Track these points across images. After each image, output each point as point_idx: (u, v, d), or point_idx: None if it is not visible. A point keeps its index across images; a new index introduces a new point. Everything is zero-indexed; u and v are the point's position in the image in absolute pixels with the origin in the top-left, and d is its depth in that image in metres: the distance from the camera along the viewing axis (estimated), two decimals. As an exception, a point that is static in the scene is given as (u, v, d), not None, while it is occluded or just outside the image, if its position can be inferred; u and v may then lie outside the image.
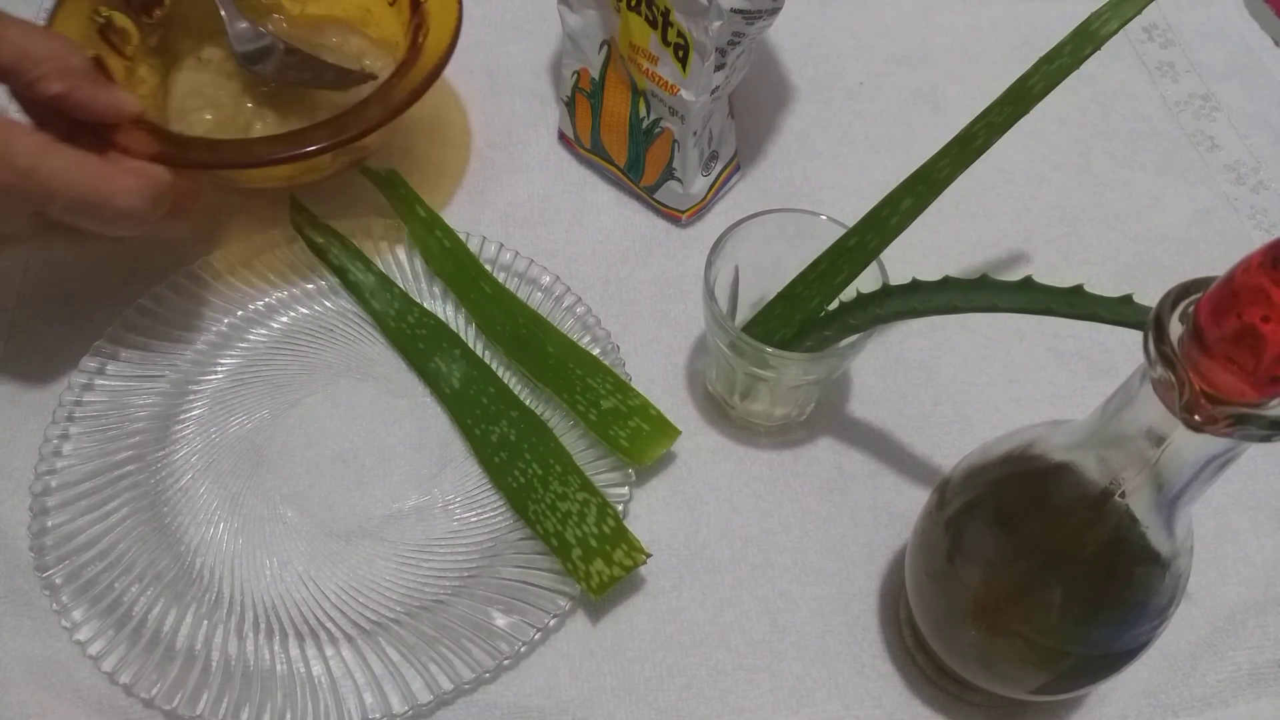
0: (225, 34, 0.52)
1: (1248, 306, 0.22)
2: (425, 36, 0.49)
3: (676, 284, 0.52)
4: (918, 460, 0.47)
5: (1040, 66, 0.35)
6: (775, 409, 0.46)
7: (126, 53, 0.49)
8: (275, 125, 0.52)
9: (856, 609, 0.43)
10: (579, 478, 0.43)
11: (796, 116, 0.59)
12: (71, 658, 0.40)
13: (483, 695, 0.40)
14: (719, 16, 0.44)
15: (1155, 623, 0.34)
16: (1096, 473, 0.30)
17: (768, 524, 0.45)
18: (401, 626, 0.41)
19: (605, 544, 0.41)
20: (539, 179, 0.56)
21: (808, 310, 0.42)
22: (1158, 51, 0.63)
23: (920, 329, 0.50)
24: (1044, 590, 0.34)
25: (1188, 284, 0.25)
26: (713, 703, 0.41)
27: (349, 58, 0.55)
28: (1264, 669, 0.42)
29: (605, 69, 0.51)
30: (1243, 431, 0.24)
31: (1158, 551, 0.32)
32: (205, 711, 0.38)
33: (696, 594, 0.43)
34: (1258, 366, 0.22)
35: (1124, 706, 0.41)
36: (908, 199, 0.38)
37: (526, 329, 0.47)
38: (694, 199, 0.53)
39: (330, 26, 0.56)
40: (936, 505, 0.37)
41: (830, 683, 0.41)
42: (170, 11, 0.52)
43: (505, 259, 0.50)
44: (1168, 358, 0.24)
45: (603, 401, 0.45)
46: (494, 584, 0.42)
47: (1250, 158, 0.58)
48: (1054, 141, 0.58)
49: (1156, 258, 0.54)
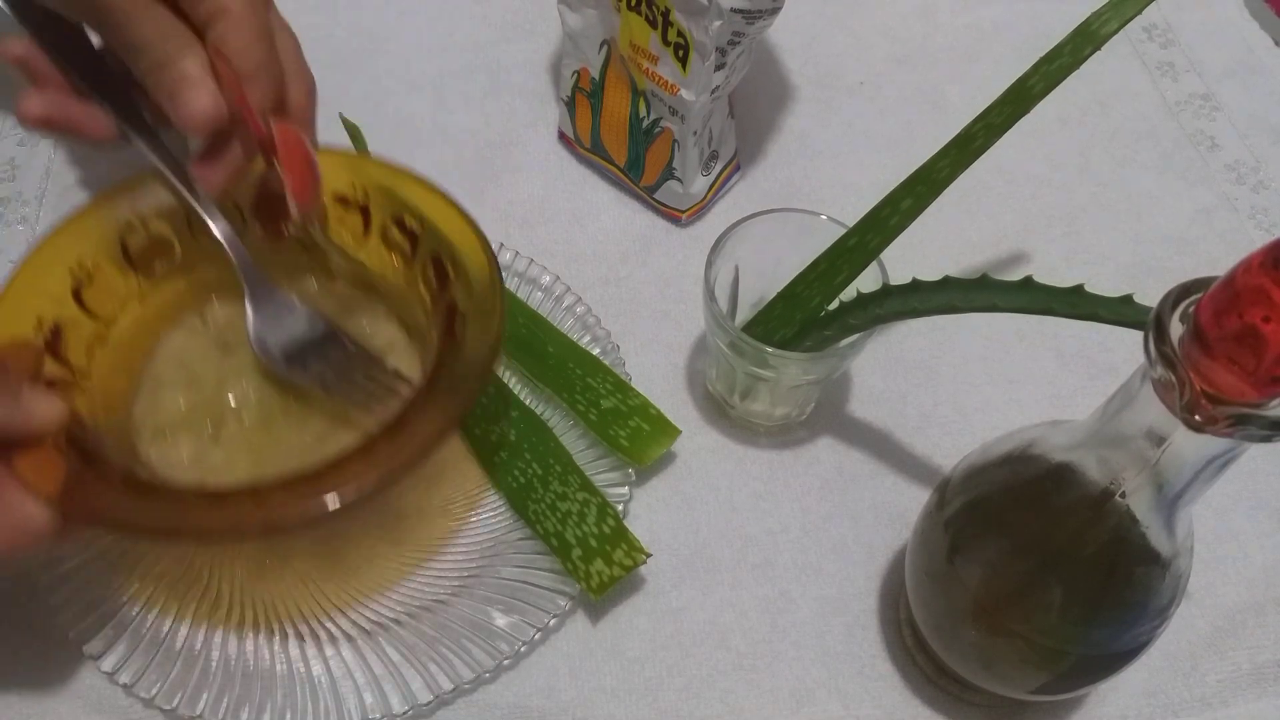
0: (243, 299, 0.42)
1: (1248, 307, 0.22)
2: (462, 325, 0.39)
3: (676, 284, 0.52)
4: (918, 460, 0.47)
5: (1040, 66, 0.35)
6: (775, 409, 0.46)
7: (103, 313, 0.41)
8: (253, 434, 0.42)
9: (856, 609, 0.43)
10: (579, 477, 0.43)
11: (796, 116, 0.59)
12: (71, 658, 0.40)
13: (483, 695, 0.40)
14: (719, 16, 0.44)
15: (1155, 623, 0.34)
16: (1097, 473, 0.30)
17: (768, 524, 0.45)
18: (401, 626, 0.41)
19: (605, 544, 0.41)
20: (539, 179, 0.56)
21: (808, 310, 0.42)
22: (1158, 51, 0.63)
23: (920, 329, 0.50)
24: (1044, 590, 0.34)
25: (1188, 284, 0.25)
26: (713, 703, 0.41)
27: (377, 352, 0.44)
28: (1264, 669, 0.42)
29: (605, 69, 0.51)
30: (1243, 432, 0.24)
31: (1158, 551, 0.32)
32: (205, 711, 0.38)
33: (696, 594, 0.43)
34: (1258, 367, 0.22)
35: (1124, 706, 0.41)
36: (908, 199, 0.38)
37: (526, 329, 0.47)
38: (694, 199, 0.53)
39: (364, 305, 0.45)
40: (936, 505, 0.37)
41: (830, 683, 0.41)
42: (181, 261, 0.43)
43: (505, 259, 0.50)
44: (1168, 358, 0.24)
45: (603, 401, 0.45)
46: (494, 584, 0.42)
47: (1250, 158, 0.58)
48: (1054, 141, 0.58)
49: (1156, 258, 0.54)
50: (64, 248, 0.40)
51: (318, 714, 0.39)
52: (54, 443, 0.35)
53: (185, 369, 0.43)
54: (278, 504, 0.34)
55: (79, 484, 0.34)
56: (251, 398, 0.42)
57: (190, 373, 0.43)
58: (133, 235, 0.42)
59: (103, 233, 0.41)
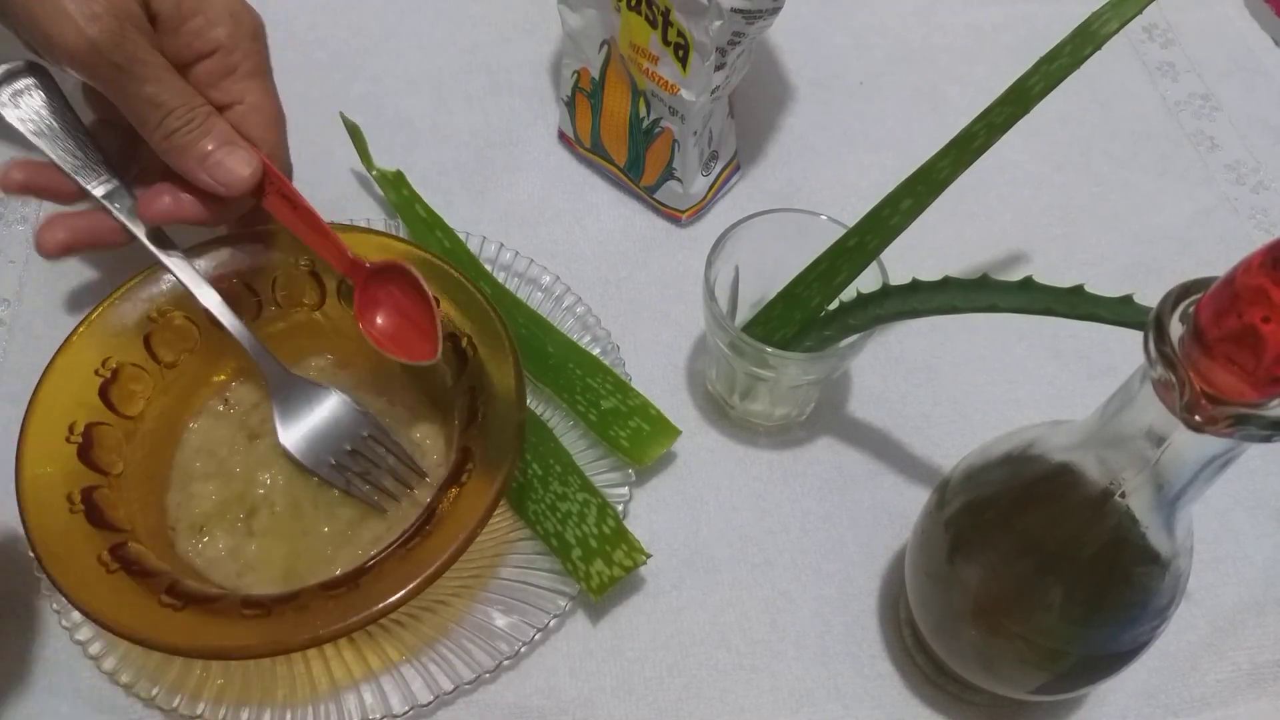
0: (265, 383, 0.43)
1: (1248, 307, 0.22)
2: (485, 404, 0.40)
3: (676, 284, 0.52)
4: (918, 460, 0.47)
5: (1040, 66, 0.35)
6: (775, 409, 0.46)
7: (130, 411, 0.41)
8: (285, 522, 0.42)
9: (856, 609, 0.43)
10: (579, 478, 0.43)
11: (796, 116, 0.59)
12: (71, 658, 0.40)
13: (483, 695, 0.40)
14: (719, 16, 0.44)
15: (1155, 623, 0.33)
16: (1096, 473, 0.30)
17: (768, 524, 0.45)
18: (402, 626, 0.41)
19: (605, 544, 0.41)
20: (539, 179, 0.56)
21: (808, 310, 0.42)
22: (1158, 51, 0.63)
23: (920, 329, 0.50)
24: (1044, 590, 0.34)
25: (1188, 284, 0.25)
26: (713, 703, 0.41)
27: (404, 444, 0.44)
28: (1264, 669, 0.42)
29: (605, 69, 0.51)
30: (1243, 432, 0.24)
31: (1158, 551, 0.32)
32: (205, 711, 0.38)
33: (696, 594, 0.43)
34: (1258, 367, 0.22)
35: (1124, 706, 0.41)
36: (908, 199, 0.38)
37: (526, 329, 0.47)
38: (694, 199, 0.53)
39: (389, 378, 0.45)
40: (936, 505, 0.37)
41: (830, 683, 0.41)
42: (201, 346, 0.44)
43: (505, 259, 0.50)
44: (1168, 358, 0.24)
45: (603, 401, 0.45)
46: (494, 584, 0.42)
47: (1250, 158, 0.58)
48: (1054, 141, 0.58)
49: (1156, 258, 0.54)
50: (88, 349, 0.41)
51: (318, 714, 0.39)
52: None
53: (213, 458, 0.43)
54: (321, 618, 0.35)
55: (125, 598, 0.35)
56: (280, 483, 0.43)
57: (218, 461, 0.43)
58: (154, 328, 0.42)
59: (124, 327, 0.42)
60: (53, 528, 0.36)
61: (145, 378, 0.42)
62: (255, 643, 0.34)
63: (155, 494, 0.42)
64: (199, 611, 0.35)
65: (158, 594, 0.35)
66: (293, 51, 0.59)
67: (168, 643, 0.34)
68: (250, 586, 0.40)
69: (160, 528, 0.41)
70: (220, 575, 0.40)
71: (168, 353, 0.43)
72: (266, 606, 0.35)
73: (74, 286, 0.50)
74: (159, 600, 0.35)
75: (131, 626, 0.34)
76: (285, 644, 0.34)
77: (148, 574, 0.36)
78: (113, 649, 0.39)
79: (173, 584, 0.36)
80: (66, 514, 0.37)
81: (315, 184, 0.54)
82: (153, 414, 0.42)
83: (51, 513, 0.37)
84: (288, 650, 0.34)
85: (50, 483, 0.37)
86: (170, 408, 0.43)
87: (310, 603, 0.35)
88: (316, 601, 0.35)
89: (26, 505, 0.37)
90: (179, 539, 0.41)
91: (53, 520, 0.37)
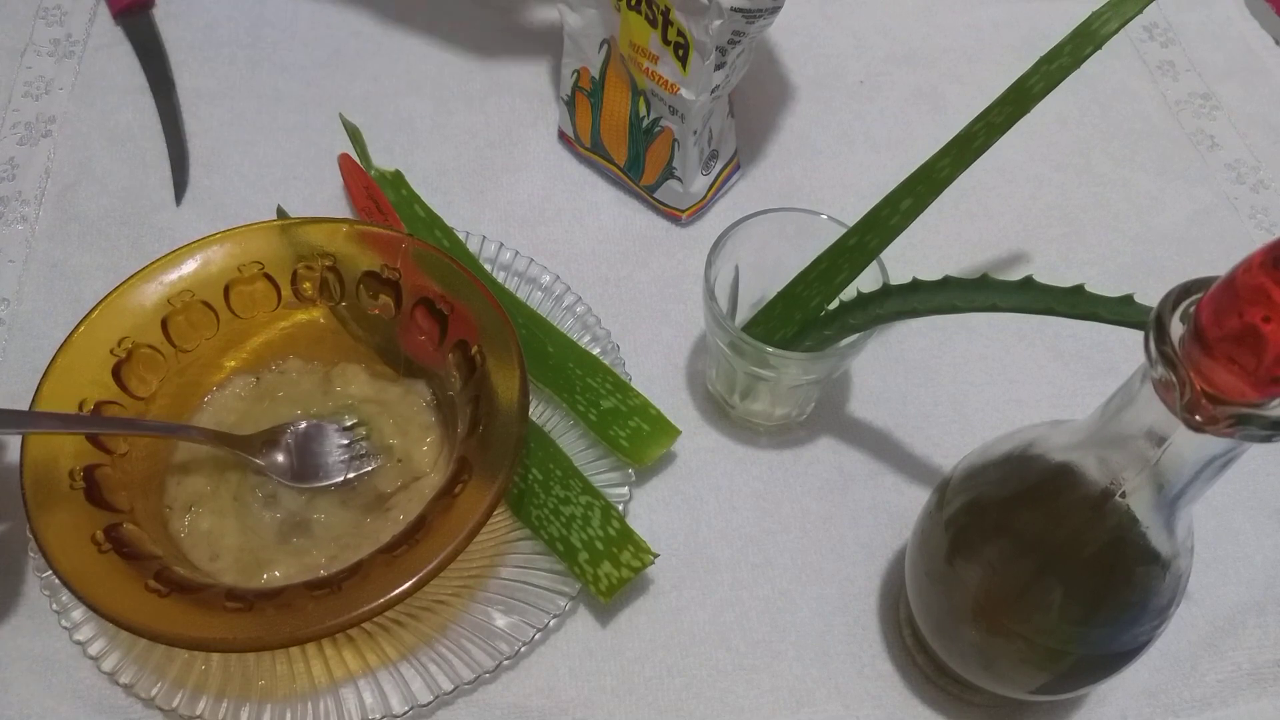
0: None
1: (1249, 306, 0.22)
2: (489, 416, 0.39)
3: (676, 284, 0.52)
4: (918, 460, 0.47)
5: (1040, 66, 0.35)
6: (775, 409, 0.46)
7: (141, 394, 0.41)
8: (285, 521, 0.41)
9: (856, 609, 0.43)
10: (580, 481, 0.43)
11: (796, 116, 0.59)
12: (71, 658, 0.40)
13: (483, 695, 0.40)
14: (719, 15, 0.44)
15: (1155, 623, 0.33)
16: (1097, 473, 0.30)
17: (768, 524, 0.45)
18: (402, 626, 0.41)
19: (612, 546, 0.41)
20: (539, 178, 0.56)
21: (808, 310, 0.42)
22: (1158, 51, 0.63)
23: (920, 329, 0.50)
24: (1044, 590, 0.34)
25: (1188, 284, 0.25)
26: (713, 703, 0.41)
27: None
28: (1264, 669, 0.42)
29: (605, 68, 0.51)
30: (1243, 432, 0.24)
31: (1158, 551, 0.32)
32: (205, 711, 0.38)
33: (696, 594, 0.43)
34: (1259, 366, 0.22)
35: (1124, 706, 0.41)
36: (908, 199, 0.38)
37: (526, 329, 0.47)
38: (694, 198, 0.53)
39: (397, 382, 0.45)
40: (936, 505, 0.37)
41: (830, 683, 0.41)
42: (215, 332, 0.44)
43: (505, 258, 0.50)
44: (1169, 358, 0.24)
45: (602, 401, 0.45)
46: (494, 584, 0.42)
47: (1250, 157, 0.58)
48: (1054, 141, 0.58)
49: (1156, 258, 0.54)
50: (106, 327, 0.41)
51: (318, 714, 0.39)
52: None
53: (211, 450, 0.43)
54: (303, 617, 0.34)
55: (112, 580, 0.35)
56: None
57: (215, 454, 0.43)
58: (173, 312, 0.42)
59: (143, 309, 0.42)
60: (50, 502, 0.36)
61: (160, 361, 0.42)
62: (234, 636, 0.34)
63: (157, 473, 0.42)
64: (183, 600, 0.35)
65: (145, 578, 0.35)
66: (293, 51, 0.60)
67: (146, 627, 0.34)
68: (220, 573, 0.40)
69: (158, 508, 0.41)
70: (197, 556, 0.40)
71: (185, 338, 0.43)
72: (249, 601, 0.35)
73: (74, 286, 0.50)
74: (145, 585, 0.35)
75: (113, 607, 0.34)
76: (263, 640, 0.34)
77: (138, 557, 0.36)
78: (113, 649, 0.39)
79: (161, 570, 0.36)
80: (66, 489, 0.37)
81: (315, 184, 0.54)
82: (164, 396, 0.42)
83: (51, 487, 0.37)
84: (265, 647, 0.34)
85: (54, 457, 0.38)
86: (181, 390, 0.43)
87: (293, 601, 0.35)
88: (299, 600, 0.35)
89: (28, 478, 0.37)
90: (173, 518, 0.41)
91: (52, 495, 0.37)
